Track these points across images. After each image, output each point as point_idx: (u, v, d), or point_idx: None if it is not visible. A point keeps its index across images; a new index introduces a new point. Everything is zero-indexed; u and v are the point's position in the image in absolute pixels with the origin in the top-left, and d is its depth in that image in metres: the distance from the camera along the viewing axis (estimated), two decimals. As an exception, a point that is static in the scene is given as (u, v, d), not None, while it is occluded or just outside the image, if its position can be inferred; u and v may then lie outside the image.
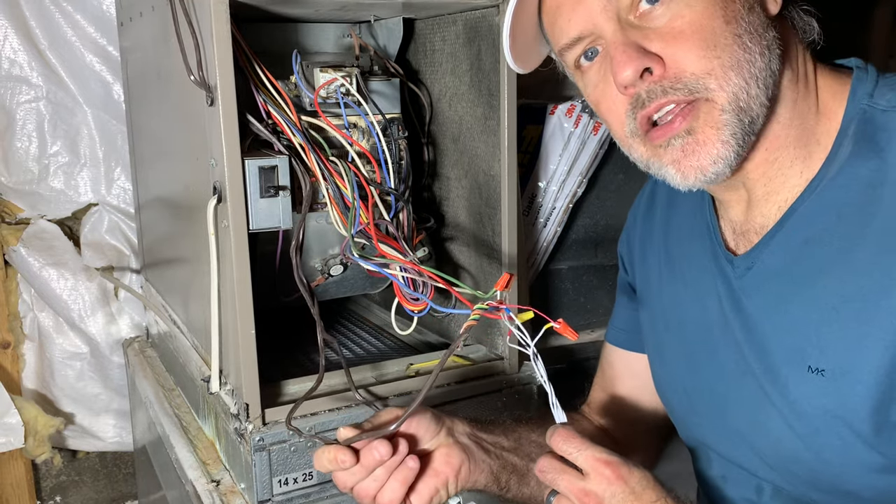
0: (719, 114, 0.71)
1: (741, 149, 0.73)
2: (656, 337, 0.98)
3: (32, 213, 1.55)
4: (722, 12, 0.71)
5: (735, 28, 0.71)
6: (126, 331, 1.58)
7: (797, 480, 0.81)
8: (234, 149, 0.91)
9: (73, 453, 1.66)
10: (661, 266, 0.96)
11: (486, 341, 1.17)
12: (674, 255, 0.94)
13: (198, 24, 0.91)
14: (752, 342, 0.82)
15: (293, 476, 0.97)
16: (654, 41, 0.72)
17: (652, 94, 0.72)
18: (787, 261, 0.78)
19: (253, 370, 0.94)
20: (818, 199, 0.76)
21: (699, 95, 0.71)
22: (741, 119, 0.72)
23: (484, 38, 1.07)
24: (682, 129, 0.72)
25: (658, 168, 0.76)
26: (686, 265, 0.92)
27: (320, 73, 1.04)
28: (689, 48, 0.71)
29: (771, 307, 0.80)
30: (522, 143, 1.45)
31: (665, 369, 0.97)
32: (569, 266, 1.54)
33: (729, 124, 0.71)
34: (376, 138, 1.06)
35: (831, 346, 0.74)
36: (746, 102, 0.71)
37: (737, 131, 0.72)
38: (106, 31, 1.51)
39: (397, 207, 1.08)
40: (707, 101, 0.71)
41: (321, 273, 1.13)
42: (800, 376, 0.76)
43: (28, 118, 1.51)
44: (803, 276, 0.77)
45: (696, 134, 0.72)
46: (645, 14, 0.73)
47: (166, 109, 1.16)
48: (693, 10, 0.71)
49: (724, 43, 0.71)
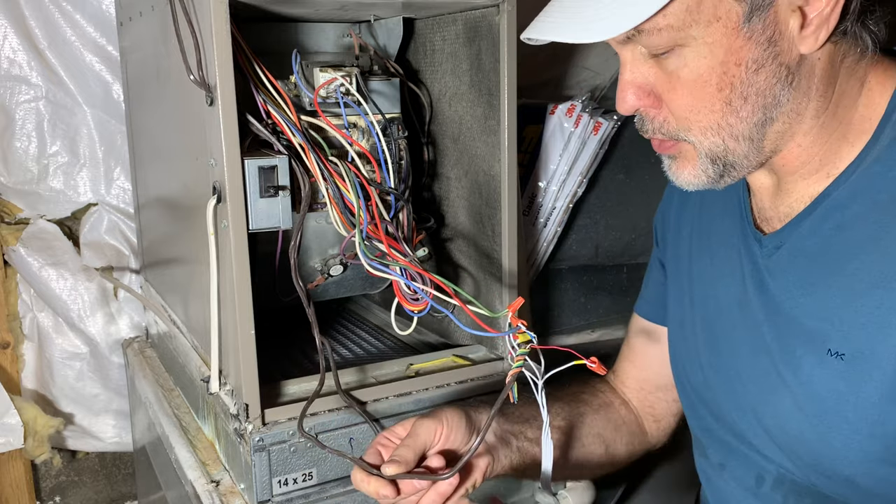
0: (696, 156, 0.78)
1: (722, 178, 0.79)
2: (681, 310, 0.99)
3: (32, 213, 1.55)
4: (717, 79, 0.72)
5: (727, 94, 0.73)
6: (126, 331, 1.57)
7: (801, 462, 0.82)
8: (233, 149, 0.91)
9: (73, 454, 1.66)
10: (693, 240, 0.99)
11: (486, 341, 1.17)
12: (705, 230, 0.97)
13: (198, 23, 0.91)
14: (772, 322, 0.83)
15: (293, 476, 0.97)
16: (656, 80, 0.76)
17: (644, 126, 0.79)
18: (816, 244, 0.79)
19: (252, 370, 0.94)
20: (852, 186, 0.77)
21: (681, 138, 0.77)
22: (715, 164, 0.77)
23: (484, 38, 1.07)
24: (670, 153, 0.80)
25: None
26: (716, 241, 0.94)
27: (320, 72, 1.03)
28: (677, 104, 0.75)
29: (796, 288, 0.81)
30: (522, 143, 1.45)
31: (685, 343, 0.99)
32: (569, 266, 1.54)
33: (702, 164, 0.78)
34: (376, 138, 1.06)
35: (854, 332, 0.75)
36: (723, 154, 0.77)
37: (709, 170, 0.78)
38: (105, 31, 1.51)
39: (397, 207, 1.08)
40: (688, 142, 0.77)
41: (321, 273, 1.13)
42: (818, 359, 0.77)
43: (27, 118, 1.51)
44: (832, 261, 0.78)
45: (677, 160, 0.80)
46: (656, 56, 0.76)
47: (166, 109, 1.16)
48: (690, 71, 0.73)
49: (709, 109, 0.74)
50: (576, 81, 1.56)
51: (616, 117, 1.42)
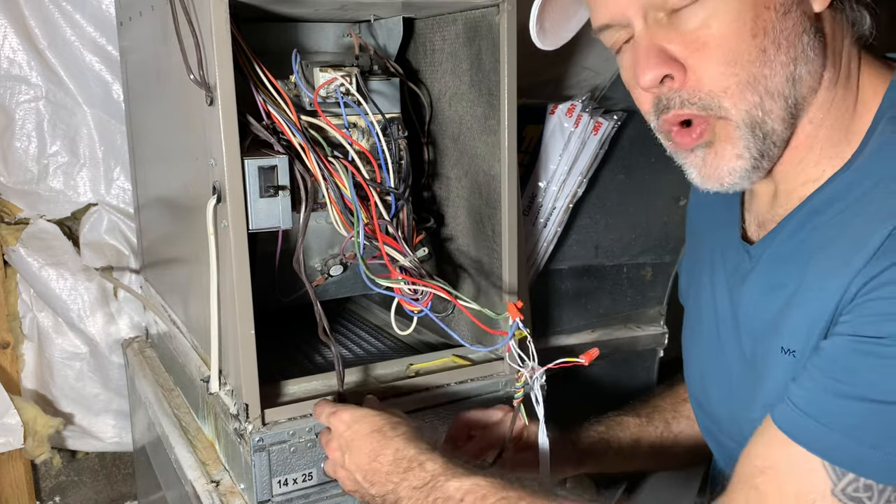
0: (734, 129, 0.73)
1: (758, 161, 0.75)
2: (689, 321, 1.01)
3: (32, 213, 1.55)
4: (751, 24, 0.70)
5: (761, 41, 0.71)
6: (125, 331, 1.57)
7: None
8: (233, 148, 0.91)
9: (73, 454, 1.66)
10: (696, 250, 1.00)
11: (485, 341, 1.17)
12: (706, 241, 0.98)
13: (198, 23, 0.91)
14: (746, 327, 0.84)
15: (293, 476, 0.97)
16: (678, 46, 0.72)
17: (671, 102, 0.74)
18: (790, 248, 0.80)
19: (252, 370, 0.94)
20: (829, 193, 0.77)
21: (713, 113, 0.73)
22: (755, 133, 0.73)
23: (484, 38, 1.07)
24: (703, 140, 0.75)
25: (681, 163, 0.79)
26: (715, 251, 0.94)
27: (320, 72, 1.03)
28: (709, 62, 0.71)
29: (769, 291, 0.81)
30: (522, 143, 1.45)
31: (689, 353, 1.00)
32: (569, 266, 1.54)
33: (743, 138, 0.73)
34: (376, 138, 1.06)
35: (797, 329, 0.75)
36: (761, 118, 0.73)
37: (751, 145, 0.74)
38: (105, 31, 1.51)
39: (397, 207, 1.08)
40: (720, 118, 0.73)
41: (321, 273, 1.13)
42: (777, 359, 0.78)
43: (27, 118, 1.51)
44: (800, 262, 0.78)
45: (714, 146, 0.75)
46: (674, 11, 0.72)
47: (166, 109, 1.16)
48: (720, 21, 0.70)
49: (747, 59, 0.71)
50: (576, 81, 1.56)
51: (616, 117, 1.42)
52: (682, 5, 0.71)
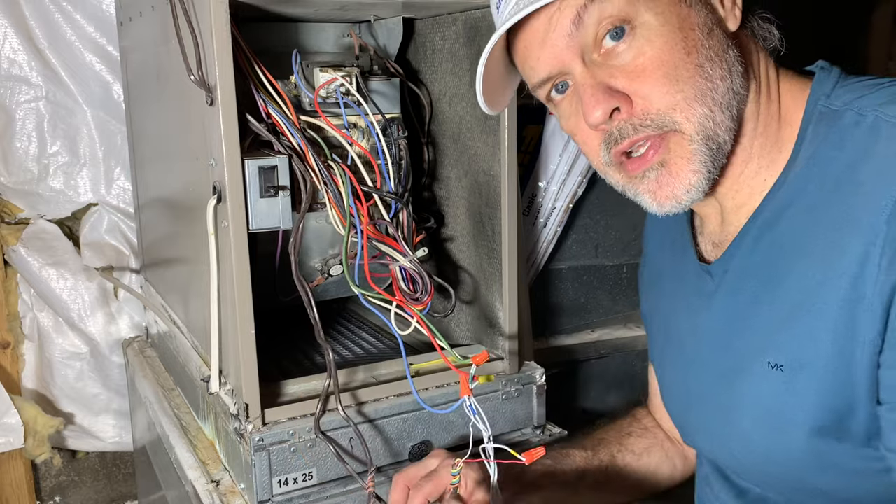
0: (688, 144, 0.74)
1: (712, 174, 0.76)
2: (659, 349, 1.00)
3: (32, 213, 1.55)
4: (682, 44, 0.73)
5: (696, 58, 0.73)
6: (126, 331, 1.58)
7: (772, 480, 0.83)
8: (233, 149, 0.91)
9: (73, 453, 1.66)
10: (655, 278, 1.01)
11: (485, 341, 1.17)
12: (664, 268, 0.98)
13: (198, 23, 0.91)
14: (723, 345, 0.84)
15: (293, 476, 0.97)
16: (620, 79, 0.74)
17: (623, 132, 0.75)
18: (758, 262, 0.80)
19: (253, 370, 0.94)
20: (779, 202, 0.78)
21: (668, 129, 0.74)
22: (710, 147, 0.74)
23: (484, 38, 1.07)
24: (656, 161, 0.75)
25: (634, 194, 0.79)
26: (674, 277, 0.95)
27: (320, 72, 1.03)
28: (653, 85, 0.73)
29: (739, 309, 0.82)
30: (522, 143, 1.45)
31: (664, 379, 1.00)
32: (569, 266, 1.54)
33: (699, 153, 0.74)
34: (376, 138, 1.06)
35: (788, 342, 0.75)
36: (713, 129, 0.74)
37: (706, 159, 0.75)
38: (105, 31, 1.51)
39: (397, 207, 1.08)
40: (676, 132, 0.74)
41: (321, 273, 1.13)
42: (762, 373, 0.78)
43: (28, 118, 1.51)
44: (769, 276, 0.78)
45: (668, 165, 0.75)
46: (608, 52, 0.74)
47: (166, 109, 1.16)
48: (653, 45, 0.72)
49: (686, 75, 0.73)
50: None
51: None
52: (613, 43, 0.73)
